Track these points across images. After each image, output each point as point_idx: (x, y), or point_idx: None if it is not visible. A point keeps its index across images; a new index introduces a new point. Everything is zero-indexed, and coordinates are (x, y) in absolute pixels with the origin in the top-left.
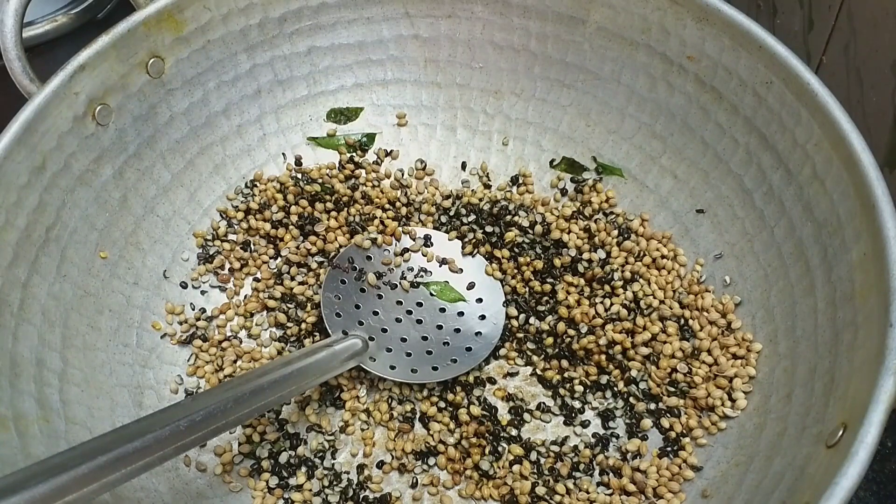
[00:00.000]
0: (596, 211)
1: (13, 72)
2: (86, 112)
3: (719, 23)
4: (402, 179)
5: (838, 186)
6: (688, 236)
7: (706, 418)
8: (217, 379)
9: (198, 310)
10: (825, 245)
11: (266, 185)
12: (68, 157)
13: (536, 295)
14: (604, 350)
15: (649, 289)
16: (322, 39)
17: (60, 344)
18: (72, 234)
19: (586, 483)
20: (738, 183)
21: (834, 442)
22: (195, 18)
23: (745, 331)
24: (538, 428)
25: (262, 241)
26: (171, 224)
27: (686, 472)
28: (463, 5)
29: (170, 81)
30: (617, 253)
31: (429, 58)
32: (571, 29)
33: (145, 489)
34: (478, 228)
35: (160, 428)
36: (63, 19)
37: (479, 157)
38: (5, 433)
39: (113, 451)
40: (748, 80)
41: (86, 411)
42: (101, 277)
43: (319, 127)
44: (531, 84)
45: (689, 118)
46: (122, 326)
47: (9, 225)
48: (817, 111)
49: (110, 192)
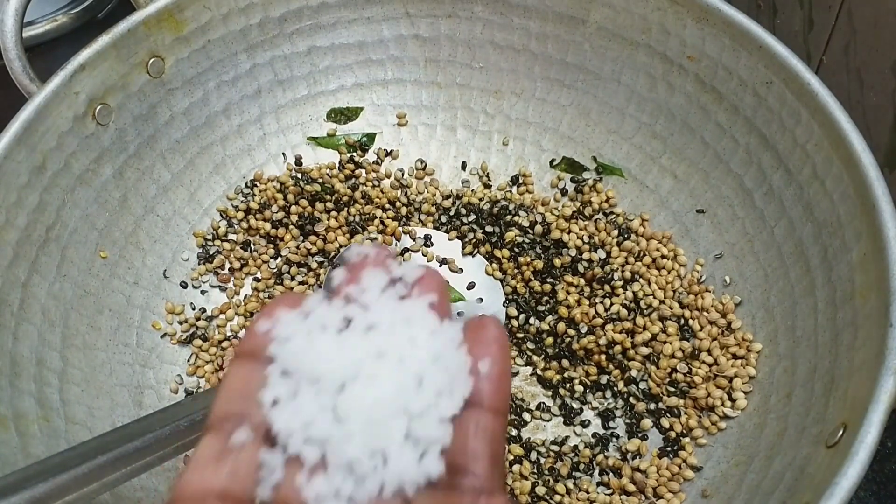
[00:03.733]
0: (596, 211)
1: (13, 71)
2: (86, 112)
3: (719, 23)
4: (402, 179)
5: (838, 186)
6: (688, 236)
7: (706, 418)
8: (217, 379)
9: (198, 309)
10: (825, 245)
11: (266, 185)
12: (68, 157)
13: (536, 295)
14: (604, 350)
15: (649, 289)
16: (322, 39)
17: (60, 343)
18: (72, 233)
19: (586, 483)
20: (738, 183)
21: (834, 442)
22: (195, 18)
23: (745, 331)
24: (538, 428)
25: (262, 240)
26: (171, 224)
27: (686, 472)
28: (463, 5)
29: (170, 81)
30: (617, 253)
31: (429, 57)
32: (571, 29)
33: (145, 489)
34: (478, 228)
35: (160, 428)
36: (63, 19)
37: (479, 157)
38: (5, 433)
39: (113, 451)
40: (748, 80)
41: (86, 411)
42: (101, 277)
43: (319, 127)
44: (531, 84)
45: (690, 118)
46: (122, 326)
47: (9, 224)
48: (817, 111)
49: (110, 192)
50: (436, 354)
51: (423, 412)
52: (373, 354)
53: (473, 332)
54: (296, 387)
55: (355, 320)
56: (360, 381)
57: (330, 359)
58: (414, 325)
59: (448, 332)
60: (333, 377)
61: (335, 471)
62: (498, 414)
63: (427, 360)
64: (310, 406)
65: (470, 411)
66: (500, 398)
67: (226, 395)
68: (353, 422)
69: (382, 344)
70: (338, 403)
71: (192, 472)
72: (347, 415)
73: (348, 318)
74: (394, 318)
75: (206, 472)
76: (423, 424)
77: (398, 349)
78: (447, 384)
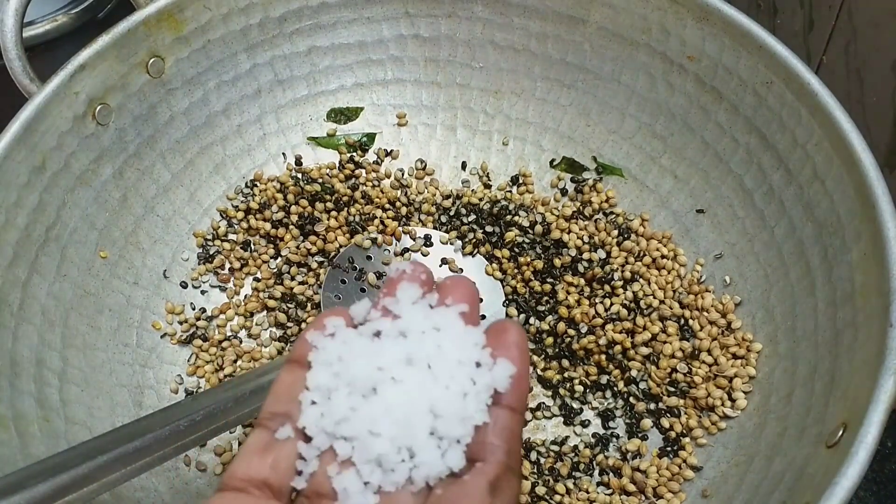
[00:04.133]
0: (596, 211)
1: (13, 71)
2: (86, 112)
3: (719, 22)
4: (402, 179)
5: (838, 186)
6: (688, 236)
7: (706, 418)
8: (217, 379)
9: (198, 309)
10: (825, 245)
11: (266, 185)
12: (68, 157)
13: (536, 295)
14: (604, 350)
15: (649, 289)
16: (322, 39)
17: (60, 343)
18: (72, 233)
19: (586, 483)
20: (738, 183)
21: (834, 442)
22: (195, 18)
23: (745, 331)
24: (538, 428)
25: (262, 240)
26: (171, 224)
27: (686, 472)
28: (463, 5)
29: (170, 81)
30: (617, 253)
31: (429, 57)
32: (572, 29)
33: (145, 489)
34: (478, 228)
35: (160, 428)
36: (63, 19)
37: (479, 157)
38: (5, 433)
39: (113, 451)
40: (748, 80)
41: (86, 411)
42: (101, 277)
43: (319, 127)
44: (531, 84)
45: (690, 118)
46: (122, 326)
47: (9, 224)
48: (818, 111)
49: (110, 192)
50: (461, 359)
51: (448, 413)
52: (403, 360)
53: (495, 335)
54: (332, 390)
55: (389, 329)
56: (389, 384)
57: (363, 365)
58: (442, 332)
59: (472, 337)
60: (366, 381)
61: (364, 464)
62: (515, 412)
63: (453, 364)
64: (343, 406)
65: (490, 409)
66: (519, 398)
67: (274, 396)
68: (382, 421)
69: (412, 350)
70: (370, 404)
71: (239, 462)
72: (378, 414)
73: (382, 328)
74: (424, 325)
75: (251, 462)
76: (447, 424)
77: (426, 355)
78: (471, 386)
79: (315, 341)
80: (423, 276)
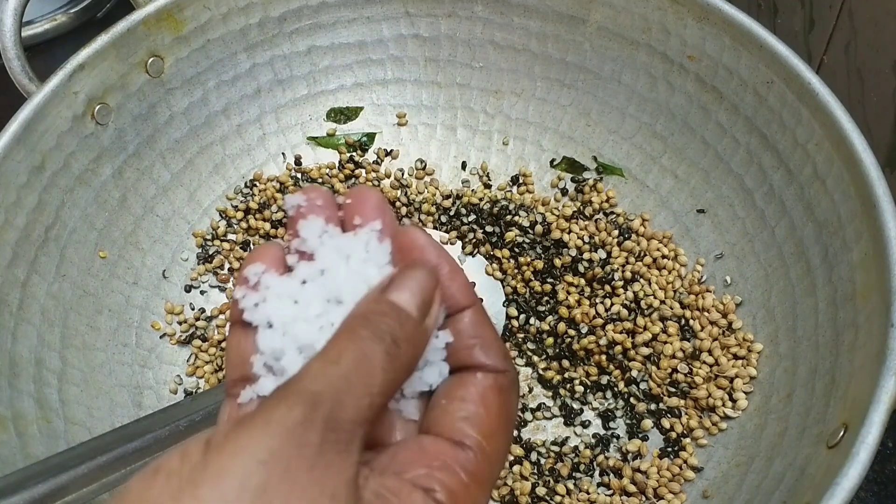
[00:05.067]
0: (596, 211)
1: (12, 71)
2: (85, 111)
3: (720, 22)
4: (402, 179)
5: (839, 186)
6: (688, 236)
7: (707, 419)
8: (217, 379)
9: (197, 310)
10: (826, 245)
11: (266, 185)
12: (68, 157)
13: (537, 295)
14: (604, 350)
15: (650, 289)
16: (322, 39)
17: (60, 344)
18: (71, 233)
19: (586, 483)
20: (738, 183)
21: (835, 442)
22: (195, 18)
23: (746, 331)
24: (538, 428)
25: (262, 240)
26: (170, 224)
27: (687, 473)
28: (463, 5)
29: (169, 81)
30: (617, 253)
31: (429, 57)
32: (572, 29)
33: None
34: (478, 228)
35: (160, 428)
36: (62, 18)
37: (479, 157)
38: (5, 433)
39: (113, 451)
40: (749, 80)
41: (85, 411)
42: (101, 277)
43: (319, 126)
44: (531, 84)
45: (690, 118)
46: (122, 326)
47: (8, 224)
48: (818, 111)
49: (110, 192)
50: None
51: None
52: (332, 301)
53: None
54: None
55: (308, 273)
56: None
57: (295, 316)
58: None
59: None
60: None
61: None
62: (472, 304)
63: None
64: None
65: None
66: (464, 292)
67: (229, 364)
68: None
69: (335, 289)
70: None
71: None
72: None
73: (303, 274)
74: (338, 260)
75: None
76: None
77: (352, 292)
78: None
79: (244, 303)
80: (319, 201)
